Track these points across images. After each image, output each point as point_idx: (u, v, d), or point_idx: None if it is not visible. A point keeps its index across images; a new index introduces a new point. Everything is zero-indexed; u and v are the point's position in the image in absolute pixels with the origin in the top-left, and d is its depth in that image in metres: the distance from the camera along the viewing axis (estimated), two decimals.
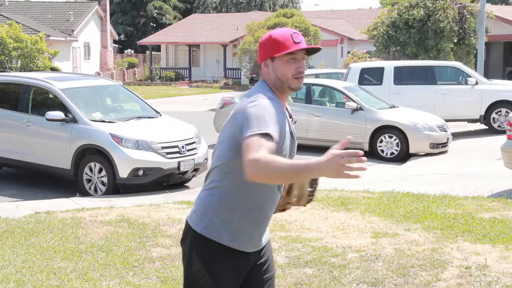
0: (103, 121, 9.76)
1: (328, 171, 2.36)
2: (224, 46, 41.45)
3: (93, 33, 41.96)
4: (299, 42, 2.76)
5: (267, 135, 2.52)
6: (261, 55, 2.83)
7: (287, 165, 2.43)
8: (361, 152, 2.35)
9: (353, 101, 13.13)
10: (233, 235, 2.79)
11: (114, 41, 50.04)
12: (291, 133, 2.83)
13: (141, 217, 7.14)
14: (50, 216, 7.29)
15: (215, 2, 63.15)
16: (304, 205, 2.99)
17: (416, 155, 12.65)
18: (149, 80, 41.85)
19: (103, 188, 9.32)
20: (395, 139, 12.64)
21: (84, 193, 9.28)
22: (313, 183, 2.92)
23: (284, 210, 2.98)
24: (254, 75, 32.59)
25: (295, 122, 2.91)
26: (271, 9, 58.59)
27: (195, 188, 9.22)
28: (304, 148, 13.86)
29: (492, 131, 15.48)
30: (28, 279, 5.18)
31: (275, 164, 2.43)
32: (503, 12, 30.00)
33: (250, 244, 2.86)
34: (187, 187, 9.80)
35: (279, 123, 2.63)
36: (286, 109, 2.88)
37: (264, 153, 2.46)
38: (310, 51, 2.82)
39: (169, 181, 9.58)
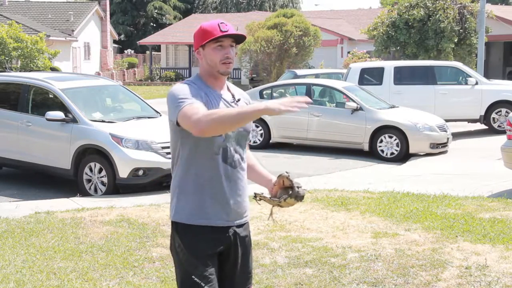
0: (103, 121, 9.76)
1: (276, 105, 2.69)
2: None
3: (93, 33, 41.97)
4: (226, 31, 3.02)
5: (194, 102, 2.89)
6: (195, 45, 3.12)
7: (232, 109, 2.85)
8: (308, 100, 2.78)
9: (353, 101, 13.13)
10: (198, 212, 3.04)
11: (114, 41, 50.05)
12: None
13: (141, 217, 7.14)
14: (50, 216, 7.29)
15: (215, 2, 63.17)
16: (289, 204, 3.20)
17: (416, 155, 12.65)
18: (149, 80, 41.85)
19: (103, 188, 9.32)
20: (395, 139, 12.63)
21: (84, 193, 9.27)
22: (291, 186, 3.16)
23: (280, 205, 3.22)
24: (254, 75, 32.58)
25: (239, 100, 3.14)
26: (271, 9, 58.60)
27: None
28: (304, 148, 13.88)
29: (492, 131, 15.47)
30: (28, 279, 5.18)
31: (219, 111, 2.81)
32: (503, 12, 30.01)
33: (216, 217, 3.05)
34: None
35: (199, 99, 2.93)
36: (229, 90, 3.15)
37: (203, 110, 2.83)
38: (238, 39, 3.07)
39: (169, 181, 9.55)
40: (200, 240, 3.04)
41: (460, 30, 23.93)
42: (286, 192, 3.15)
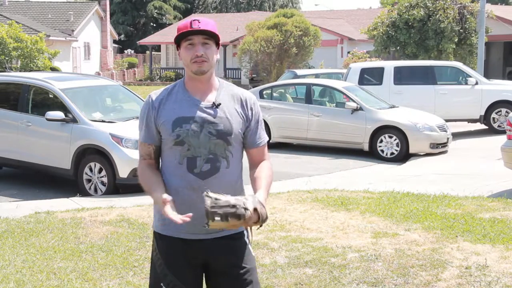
0: (103, 121, 9.76)
1: (167, 215, 2.74)
2: (224, 46, 41.42)
3: (93, 33, 41.97)
4: (196, 28, 2.85)
5: (140, 141, 3.00)
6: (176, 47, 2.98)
7: (146, 181, 2.93)
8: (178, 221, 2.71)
9: (353, 101, 13.13)
10: (169, 223, 2.86)
11: (114, 41, 50.05)
12: (201, 118, 2.90)
13: (141, 217, 7.14)
14: (50, 216, 7.29)
15: (215, 2, 63.17)
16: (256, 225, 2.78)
17: (416, 155, 12.65)
18: (149, 80, 41.84)
19: (103, 188, 9.33)
20: (395, 139, 12.64)
21: (84, 193, 9.28)
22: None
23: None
24: (254, 75, 32.57)
25: (219, 105, 2.93)
26: (271, 9, 58.61)
27: None
28: (304, 148, 13.88)
29: (492, 131, 15.48)
30: (28, 279, 5.18)
31: (141, 178, 2.96)
32: (503, 12, 29.99)
33: (183, 229, 2.89)
34: None
35: (149, 121, 2.95)
36: (217, 91, 2.98)
37: (140, 164, 3.00)
38: (215, 37, 2.90)
39: None
40: (174, 251, 2.96)
41: (460, 30, 23.93)
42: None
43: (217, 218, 2.63)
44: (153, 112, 2.95)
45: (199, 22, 2.87)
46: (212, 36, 2.90)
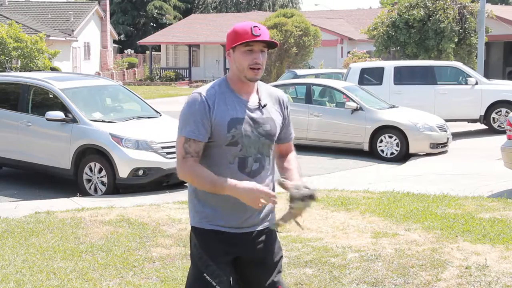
0: (103, 121, 9.76)
1: (244, 198, 2.88)
2: (224, 46, 41.32)
3: (93, 33, 41.97)
4: (258, 35, 2.90)
5: (186, 137, 2.93)
6: (227, 46, 3.02)
7: (205, 177, 2.89)
8: (274, 194, 2.95)
9: (353, 101, 13.13)
10: (214, 218, 3.02)
11: (114, 41, 50.05)
12: (252, 119, 2.99)
13: (141, 217, 7.14)
14: (50, 216, 7.29)
15: (215, 2, 63.16)
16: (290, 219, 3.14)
17: (416, 155, 12.65)
18: (149, 80, 41.84)
19: (103, 188, 9.32)
20: (395, 139, 12.64)
21: (84, 193, 9.28)
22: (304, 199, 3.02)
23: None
24: None
25: (265, 105, 3.02)
26: (271, 9, 58.59)
27: None
28: (304, 148, 13.88)
29: (492, 131, 15.48)
30: (28, 279, 5.18)
31: (200, 171, 2.91)
32: (503, 12, 29.99)
33: (231, 223, 3.03)
34: (187, 187, 9.79)
35: (204, 119, 2.92)
36: (258, 93, 3.05)
37: (186, 161, 2.93)
38: (270, 45, 2.97)
39: (169, 181, 9.57)
40: (213, 243, 3.05)
41: (460, 30, 23.93)
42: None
43: (299, 202, 2.98)
44: (209, 110, 2.95)
45: (260, 30, 2.93)
46: (269, 46, 2.98)
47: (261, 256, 3.12)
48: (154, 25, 60.29)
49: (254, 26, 2.92)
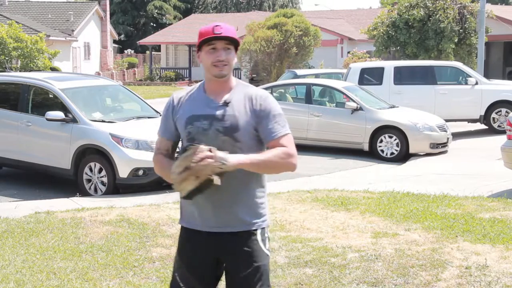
0: (103, 121, 9.76)
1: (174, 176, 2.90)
2: None
3: (93, 33, 41.97)
4: (219, 33, 2.98)
5: (158, 136, 3.24)
6: (197, 50, 3.12)
7: (166, 167, 3.01)
8: (176, 171, 2.87)
9: (353, 101, 13.13)
10: (186, 216, 3.14)
11: (114, 41, 50.05)
12: (211, 116, 3.02)
13: (141, 217, 7.14)
14: (50, 216, 7.29)
15: (215, 2, 63.17)
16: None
17: (416, 155, 12.64)
18: (149, 80, 41.84)
19: (103, 188, 9.32)
20: (395, 139, 12.64)
21: (84, 193, 9.28)
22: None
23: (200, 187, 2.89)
24: (254, 75, 32.56)
25: (228, 103, 3.03)
26: (271, 9, 58.61)
27: None
28: (304, 148, 13.88)
29: (492, 131, 15.47)
30: (28, 279, 5.18)
31: (160, 166, 3.13)
32: (503, 12, 30.00)
33: (198, 222, 3.07)
34: None
35: (168, 117, 3.17)
36: (231, 91, 3.06)
37: (156, 157, 3.17)
38: (235, 42, 3.02)
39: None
40: (187, 242, 3.13)
41: (460, 30, 23.92)
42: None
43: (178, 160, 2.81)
44: (172, 109, 3.15)
45: (222, 28, 2.99)
46: (233, 42, 3.03)
47: (234, 263, 3.05)
48: (154, 25, 60.29)
49: (216, 25, 3.00)
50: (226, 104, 3.02)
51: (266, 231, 3.12)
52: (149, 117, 10.42)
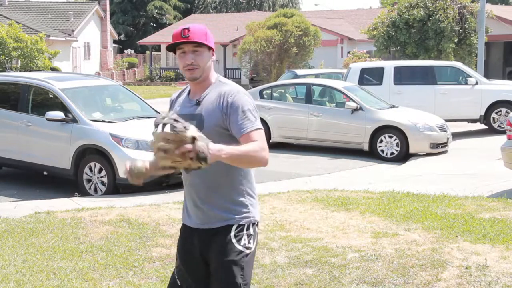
0: (103, 121, 9.76)
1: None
2: (224, 46, 41.45)
3: (93, 33, 41.97)
4: (186, 37, 2.97)
5: None
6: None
7: None
8: (127, 168, 2.88)
9: (353, 101, 13.13)
10: (182, 212, 3.28)
11: (114, 41, 50.05)
12: (181, 115, 2.85)
13: (141, 217, 7.14)
14: (50, 216, 7.29)
15: (215, 2, 63.17)
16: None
17: (416, 155, 12.64)
18: (149, 80, 41.85)
19: (103, 188, 9.32)
20: (395, 139, 12.63)
21: (84, 193, 9.27)
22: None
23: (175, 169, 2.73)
24: (254, 75, 32.58)
25: (198, 102, 3.05)
26: (271, 9, 58.60)
27: None
28: (304, 148, 13.88)
29: (492, 131, 15.47)
30: (28, 279, 5.18)
31: None
32: (503, 12, 30.00)
33: (187, 217, 3.21)
34: None
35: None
36: (210, 88, 3.06)
37: None
38: (196, 43, 2.98)
39: (169, 181, 9.57)
40: (181, 238, 3.27)
41: (460, 30, 23.93)
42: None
43: (159, 128, 2.56)
44: (170, 108, 3.25)
45: (189, 31, 2.98)
46: (201, 44, 3.00)
47: (211, 258, 3.10)
48: (154, 25, 60.29)
49: (184, 28, 2.99)
50: (198, 103, 3.07)
51: (245, 227, 3.07)
52: (149, 117, 10.40)
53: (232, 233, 3.06)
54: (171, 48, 3.04)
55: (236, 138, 2.97)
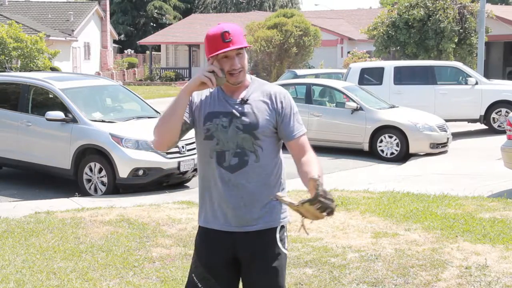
0: (103, 121, 9.76)
1: (192, 85, 2.87)
2: None
3: (93, 33, 41.96)
4: (228, 41, 2.87)
5: None
6: (206, 53, 3.00)
7: (165, 110, 2.94)
8: (211, 69, 2.86)
9: (353, 101, 13.13)
10: (204, 215, 3.09)
11: (114, 41, 50.04)
12: (230, 113, 2.98)
13: (141, 217, 7.14)
14: (50, 216, 7.29)
15: (215, 2, 63.15)
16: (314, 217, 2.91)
17: (416, 155, 12.64)
18: (149, 80, 41.83)
19: (103, 188, 9.32)
20: (395, 139, 12.63)
21: (84, 193, 9.27)
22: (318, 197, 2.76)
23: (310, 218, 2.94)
24: (254, 75, 32.60)
25: (246, 101, 2.99)
26: (271, 9, 58.59)
27: (195, 188, 9.21)
28: None
29: (492, 131, 15.47)
30: (28, 279, 5.18)
31: (160, 118, 2.98)
32: (503, 12, 29.99)
33: (216, 221, 3.03)
34: (187, 187, 9.79)
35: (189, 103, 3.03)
36: (247, 89, 3.03)
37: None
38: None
39: (169, 181, 9.58)
40: (205, 242, 3.08)
41: (460, 30, 23.93)
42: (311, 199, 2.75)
43: (317, 206, 2.73)
44: (192, 98, 3.02)
45: (229, 34, 2.88)
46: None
47: (251, 261, 3.02)
48: (154, 25, 60.27)
49: (225, 32, 2.87)
50: (244, 101, 2.98)
51: (285, 229, 3.13)
52: (149, 117, 10.41)
53: (278, 236, 3.07)
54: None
55: (277, 137, 3.02)
